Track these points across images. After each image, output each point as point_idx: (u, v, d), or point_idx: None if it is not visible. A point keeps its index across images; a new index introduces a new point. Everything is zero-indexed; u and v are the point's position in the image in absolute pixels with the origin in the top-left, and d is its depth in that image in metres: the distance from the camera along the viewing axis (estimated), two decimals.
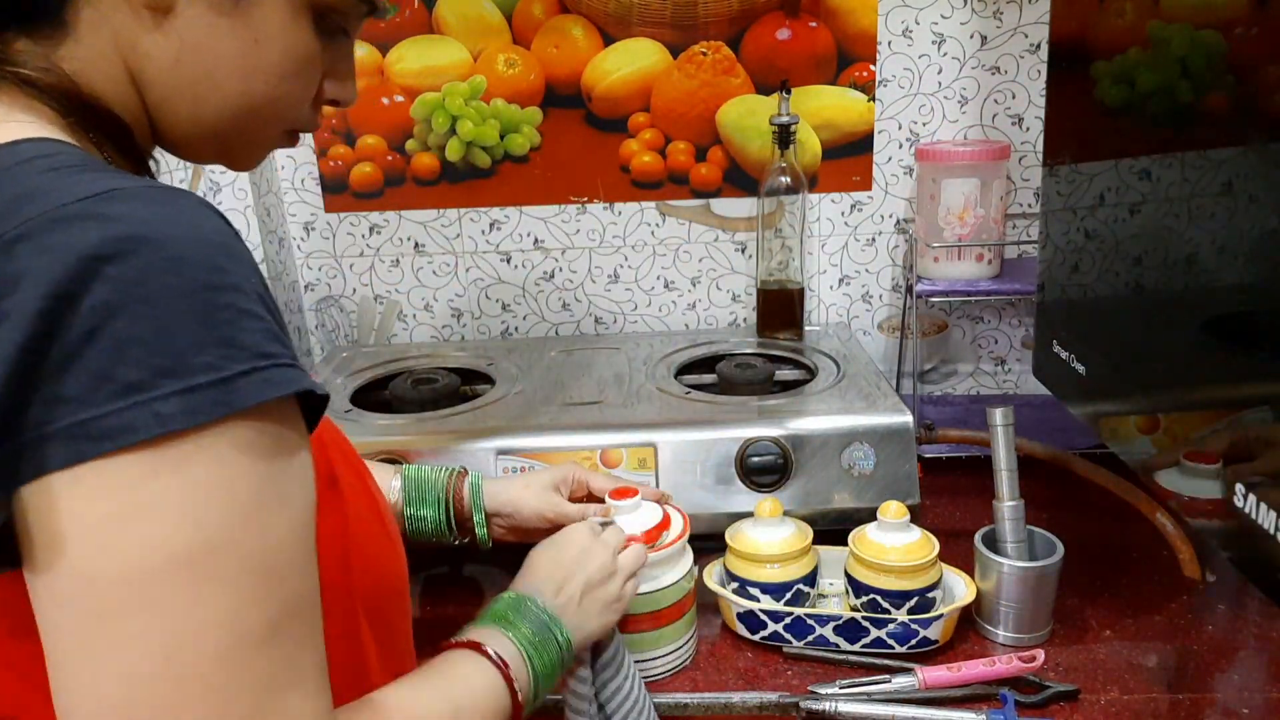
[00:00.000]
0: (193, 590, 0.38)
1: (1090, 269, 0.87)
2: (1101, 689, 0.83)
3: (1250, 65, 0.62)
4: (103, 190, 0.39)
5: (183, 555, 0.38)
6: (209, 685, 0.38)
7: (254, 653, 0.39)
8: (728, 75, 1.30)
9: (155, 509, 0.37)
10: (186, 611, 0.38)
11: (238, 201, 1.25)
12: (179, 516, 0.38)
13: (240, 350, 0.39)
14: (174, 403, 0.37)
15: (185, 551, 0.38)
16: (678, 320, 1.42)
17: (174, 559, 0.38)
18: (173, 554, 0.38)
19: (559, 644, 0.65)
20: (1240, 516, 0.62)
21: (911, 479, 1.01)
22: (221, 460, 0.39)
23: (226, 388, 0.38)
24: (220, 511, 0.39)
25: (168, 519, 0.38)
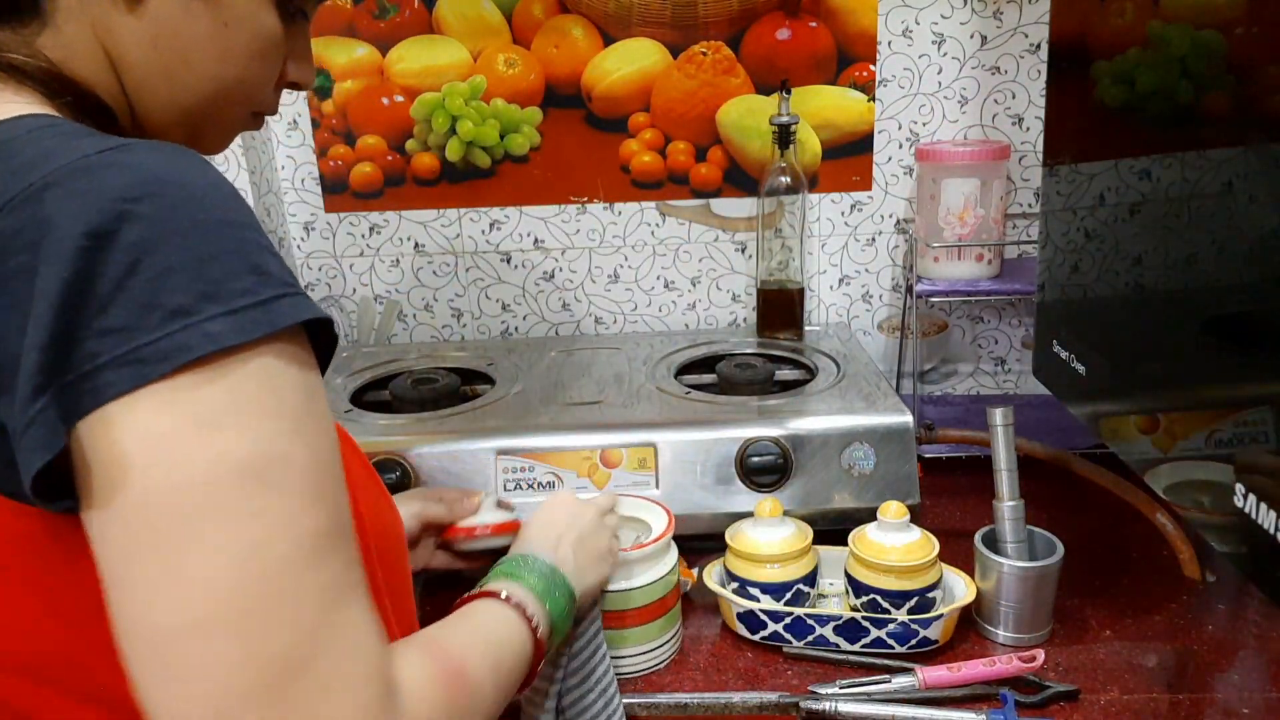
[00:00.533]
0: (258, 498, 0.40)
1: (1090, 269, 0.87)
2: (1101, 689, 0.83)
3: (1250, 65, 0.62)
4: (117, 144, 0.42)
5: (245, 464, 0.39)
6: (281, 590, 0.40)
7: (316, 561, 0.41)
8: (728, 75, 1.30)
9: (215, 422, 0.39)
10: (254, 518, 0.40)
11: None
12: (238, 428, 0.40)
13: (271, 277, 0.41)
14: (221, 323, 0.39)
15: (247, 460, 0.40)
16: (678, 320, 1.42)
17: (237, 468, 0.39)
18: (236, 463, 0.39)
19: (564, 592, 0.68)
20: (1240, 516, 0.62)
21: (911, 479, 1.01)
22: (269, 375, 0.41)
23: (266, 309, 0.41)
24: (274, 423, 0.41)
25: (228, 430, 0.39)
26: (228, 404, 0.40)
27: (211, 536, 0.39)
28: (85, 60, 0.49)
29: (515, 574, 0.66)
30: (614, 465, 1.01)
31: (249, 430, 0.40)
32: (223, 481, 0.39)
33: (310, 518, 0.41)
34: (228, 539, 0.39)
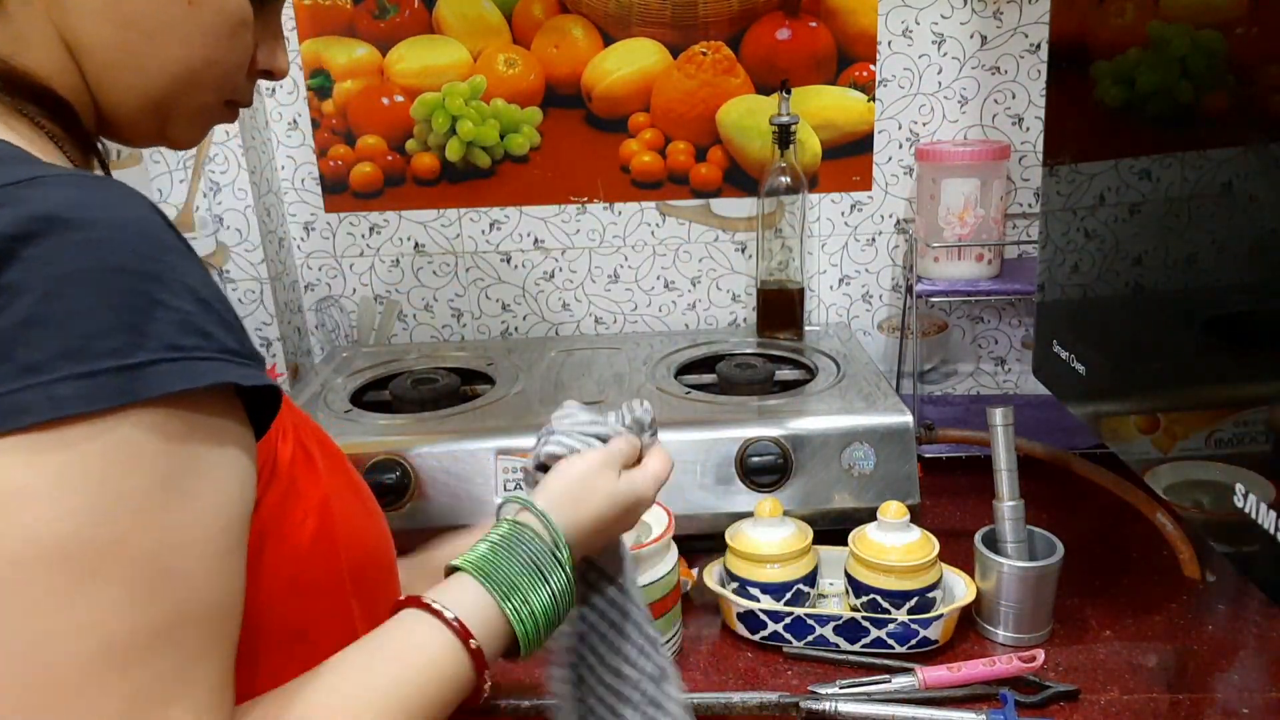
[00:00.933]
0: (67, 588, 0.35)
1: (1090, 269, 0.87)
2: (1101, 689, 0.83)
3: (1250, 65, 0.62)
4: (26, 177, 0.39)
5: (59, 548, 0.35)
6: (71, 694, 0.35)
7: (133, 660, 0.37)
8: (728, 75, 1.30)
9: (35, 495, 0.35)
10: (56, 610, 0.35)
11: (238, 201, 1.25)
12: (60, 505, 0.36)
13: (149, 339, 0.37)
14: (71, 386, 0.36)
15: (63, 544, 0.35)
16: (678, 320, 1.42)
17: (50, 551, 0.35)
18: (48, 546, 0.35)
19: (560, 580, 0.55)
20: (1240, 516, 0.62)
21: (911, 479, 1.01)
22: (116, 450, 0.37)
23: (130, 375, 0.37)
24: (109, 504, 0.36)
25: (47, 507, 0.35)
26: (56, 477, 0.35)
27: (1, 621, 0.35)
28: (40, 51, 0.46)
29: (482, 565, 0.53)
30: None
31: (72, 509, 0.36)
32: (27, 565, 0.35)
33: (138, 612, 0.37)
34: (18, 628, 0.35)
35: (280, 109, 1.32)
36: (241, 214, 1.26)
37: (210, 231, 1.26)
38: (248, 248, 1.27)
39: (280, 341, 1.31)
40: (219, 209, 1.25)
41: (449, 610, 0.50)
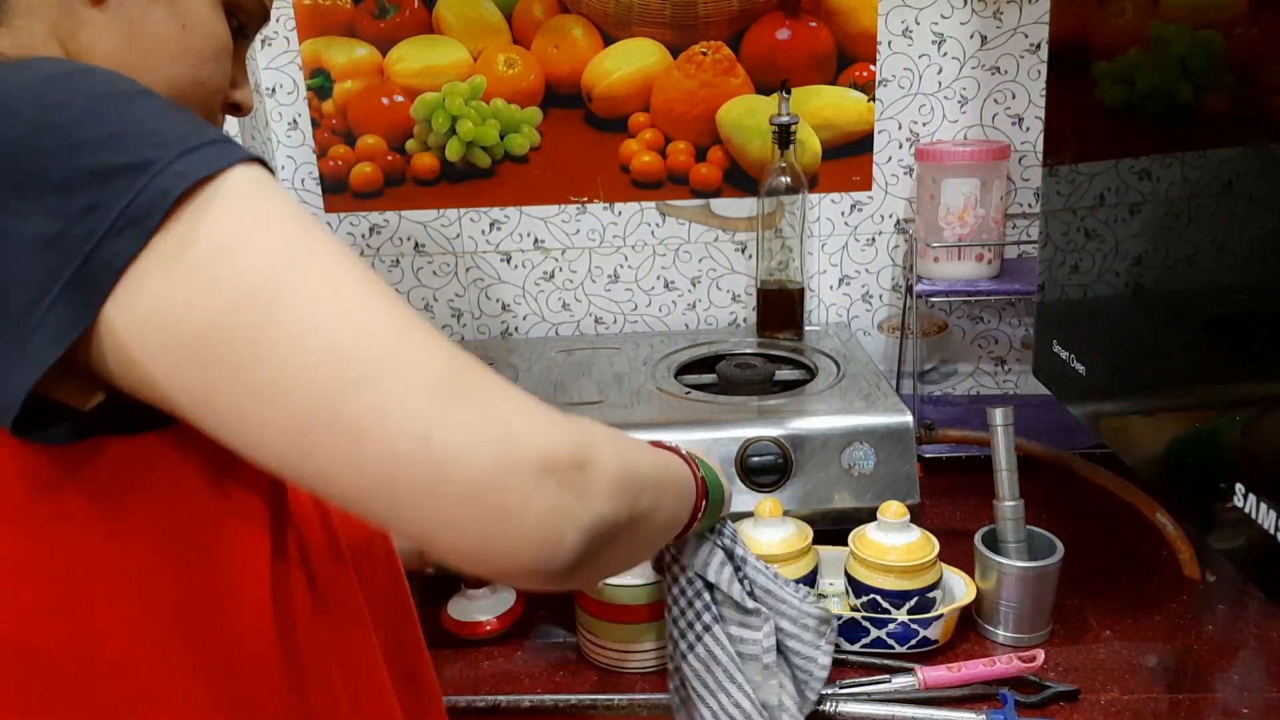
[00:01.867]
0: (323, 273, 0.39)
1: (1090, 269, 0.87)
2: (1101, 689, 0.83)
3: (1250, 65, 0.62)
4: None
5: (295, 255, 0.39)
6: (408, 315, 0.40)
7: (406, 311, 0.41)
8: (728, 75, 1.30)
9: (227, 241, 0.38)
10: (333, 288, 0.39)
11: None
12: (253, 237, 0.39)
13: (201, 125, 0.41)
14: (185, 162, 0.39)
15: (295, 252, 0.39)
16: (678, 320, 1.42)
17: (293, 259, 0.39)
18: (288, 256, 0.39)
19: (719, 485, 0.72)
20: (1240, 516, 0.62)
21: (911, 479, 1.01)
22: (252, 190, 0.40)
23: (215, 146, 0.40)
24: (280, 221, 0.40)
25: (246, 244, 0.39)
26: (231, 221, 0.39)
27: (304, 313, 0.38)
28: None
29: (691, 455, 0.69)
30: None
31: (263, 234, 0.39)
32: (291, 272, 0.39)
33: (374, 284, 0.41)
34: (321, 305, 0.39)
35: (280, 109, 1.32)
36: None
37: None
38: None
39: None
40: None
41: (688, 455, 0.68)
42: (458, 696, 0.86)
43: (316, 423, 0.38)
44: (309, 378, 0.38)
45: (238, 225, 0.39)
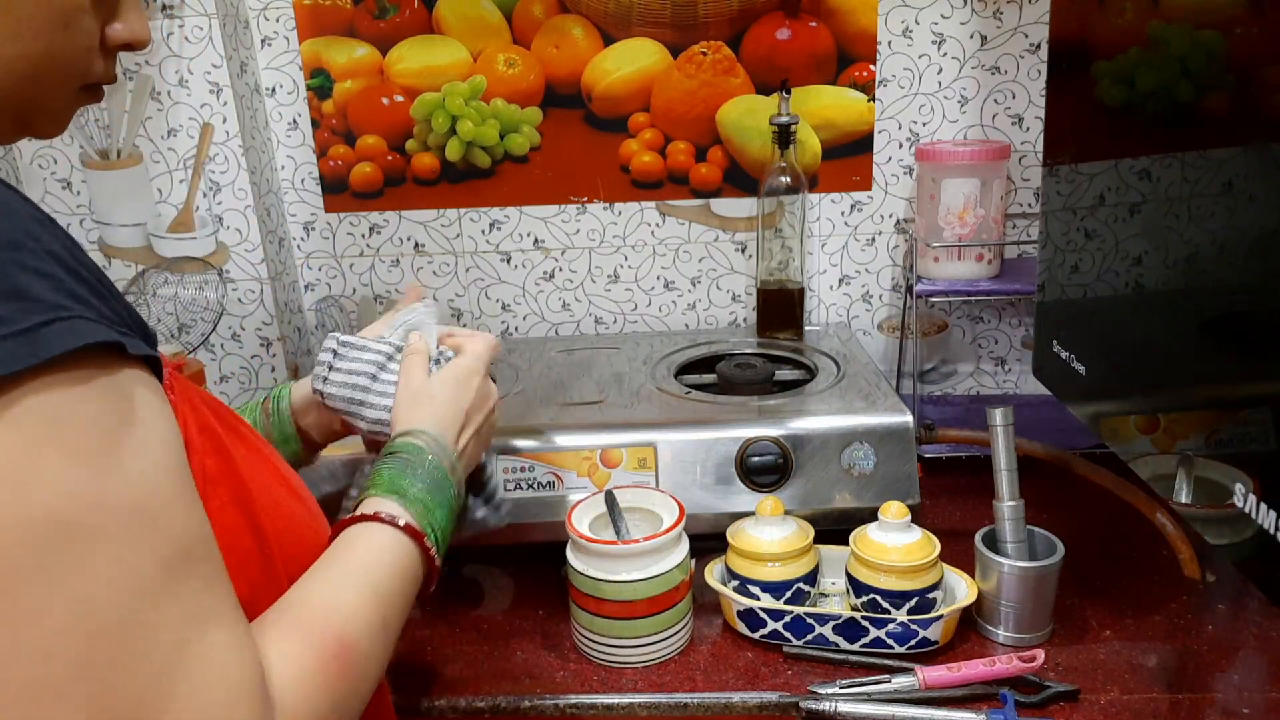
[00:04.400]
0: (76, 552, 0.36)
1: (1090, 269, 0.87)
2: (1101, 689, 0.83)
3: (1250, 65, 0.62)
4: None
5: (51, 520, 0.36)
6: (122, 639, 0.37)
7: (160, 597, 0.39)
8: (728, 75, 1.30)
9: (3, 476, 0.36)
10: (77, 573, 0.36)
11: (238, 201, 1.25)
12: (31, 481, 0.36)
13: (32, 303, 0.37)
14: None
15: (52, 516, 0.36)
16: (678, 320, 1.42)
17: (43, 526, 0.36)
18: (39, 521, 0.36)
19: (451, 495, 0.66)
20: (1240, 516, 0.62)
21: (911, 479, 1.01)
22: (54, 410, 0.37)
23: (27, 338, 0.37)
24: (71, 462, 0.37)
25: (17, 480, 0.36)
26: (10, 453, 0.36)
27: (31, 601, 0.36)
28: None
29: (400, 485, 0.62)
30: (614, 465, 1.01)
31: (41, 481, 0.36)
32: (28, 544, 0.35)
33: (145, 555, 0.38)
34: (51, 601, 0.36)
35: (280, 109, 1.32)
36: (241, 214, 1.26)
37: (210, 231, 1.26)
38: (248, 248, 1.27)
39: (280, 341, 1.31)
40: (219, 209, 1.25)
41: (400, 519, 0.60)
42: (458, 697, 0.86)
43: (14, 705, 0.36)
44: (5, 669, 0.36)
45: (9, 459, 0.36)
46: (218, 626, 0.41)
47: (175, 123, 1.22)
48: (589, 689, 0.86)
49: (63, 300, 0.38)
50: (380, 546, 0.58)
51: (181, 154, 1.23)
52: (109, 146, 1.24)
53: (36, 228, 0.40)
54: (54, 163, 1.25)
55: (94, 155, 1.25)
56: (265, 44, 1.30)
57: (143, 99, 1.22)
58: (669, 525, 0.88)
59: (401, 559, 0.58)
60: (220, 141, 1.23)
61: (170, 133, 1.22)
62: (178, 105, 1.22)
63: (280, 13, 1.28)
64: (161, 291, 1.30)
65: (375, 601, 0.54)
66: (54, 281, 0.39)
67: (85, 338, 0.38)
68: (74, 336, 0.38)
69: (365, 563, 0.57)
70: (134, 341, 0.42)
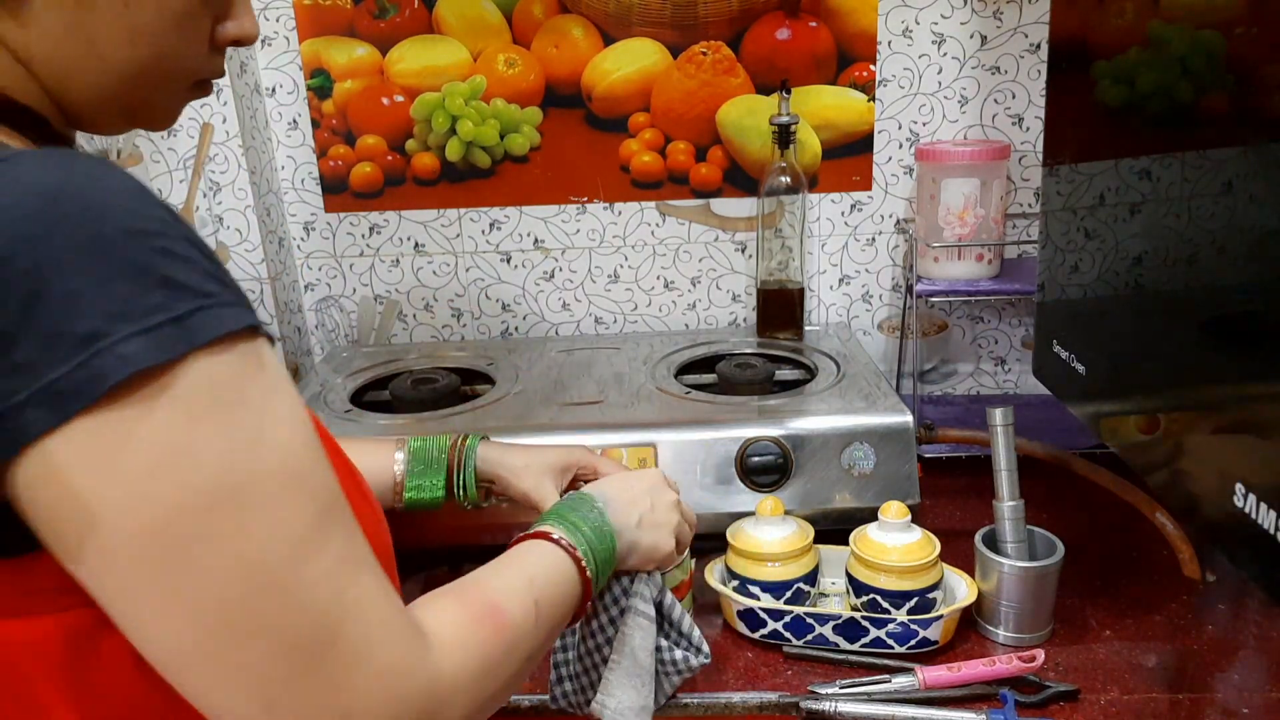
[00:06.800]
0: (236, 516, 0.39)
1: (1090, 269, 0.87)
2: (1101, 689, 0.83)
3: (1250, 65, 0.62)
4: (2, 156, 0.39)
5: (213, 489, 0.39)
6: (286, 588, 0.40)
7: (315, 549, 0.42)
8: (728, 75, 1.30)
9: (167, 448, 0.38)
10: (239, 535, 0.39)
11: (238, 201, 1.25)
12: (192, 452, 0.38)
13: (184, 289, 0.39)
14: (135, 343, 0.37)
15: (213, 485, 0.39)
16: (678, 320, 1.42)
17: (206, 494, 0.39)
18: (202, 489, 0.39)
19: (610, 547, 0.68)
20: (1240, 516, 0.62)
21: (911, 479, 1.01)
22: (207, 389, 0.39)
23: (182, 325, 0.38)
24: (229, 438, 0.40)
25: (183, 457, 0.38)
26: (171, 428, 0.38)
27: (202, 561, 0.39)
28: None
29: (567, 517, 0.67)
30: None
31: (205, 452, 0.39)
32: (195, 510, 0.38)
33: (297, 515, 0.41)
34: (220, 560, 0.39)
35: (280, 109, 1.32)
36: (241, 214, 1.26)
37: (210, 231, 1.26)
38: (248, 248, 1.27)
39: (280, 341, 1.31)
40: (219, 209, 1.25)
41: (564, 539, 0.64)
42: None
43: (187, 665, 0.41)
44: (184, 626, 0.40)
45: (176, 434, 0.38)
46: (367, 571, 0.44)
47: (175, 123, 1.22)
48: None
49: (206, 286, 0.40)
50: (540, 551, 0.63)
51: (181, 154, 1.23)
52: (109, 146, 1.24)
53: (167, 214, 0.41)
54: None
55: None
56: (265, 44, 1.30)
57: None
58: None
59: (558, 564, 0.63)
60: (220, 141, 1.23)
61: (170, 133, 1.22)
62: None
63: (280, 12, 1.28)
64: None
65: (528, 585, 0.58)
66: (194, 266, 0.40)
67: (229, 323, 0.40)
68: (219, 323, 0.40)
69: (522, 558, 0.62)
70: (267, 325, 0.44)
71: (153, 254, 0.39)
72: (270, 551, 0.40)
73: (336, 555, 0.43)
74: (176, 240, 0.40)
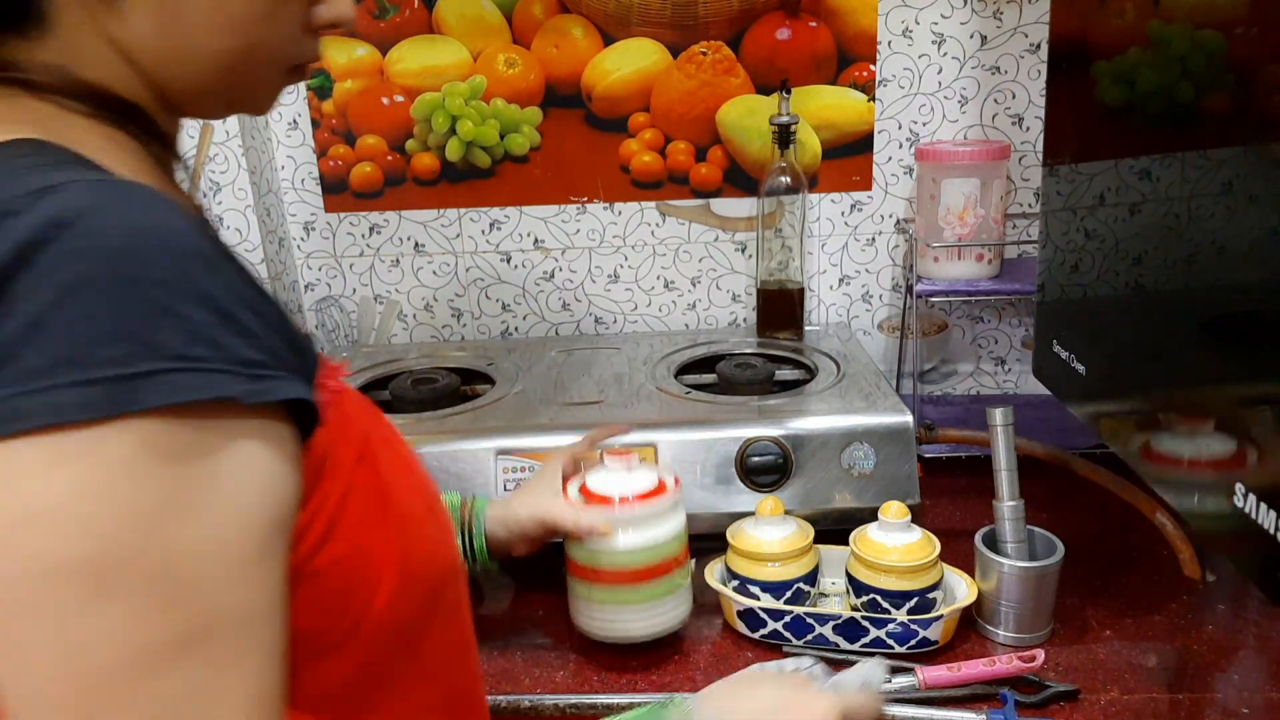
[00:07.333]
0: (87, 599, 0.36)
1: (1090, 269, 0.87)
2: (1101, 689, 0.83)
3: (1250, 65, 0.62)
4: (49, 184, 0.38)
5: (74, 561, 0.36)
6: (113, 695, 0.36)
7: (159, 669, 0.37)
8: (728, 75, 1.30)
9: (47, 508, 0.36)
10: (79, 622, 0.36)
11: (238, 201, 1.25)
12: (72, 519, 0.36)
13: (151, 349, 0.37)
14: (69, 393, 0.35)
15: (77, 558, 0.36)
16: (678, 320, 1.42)
17: (66, 564, 0.36)
18: (64, 559, 0.36)
19: None
20: (1240, 516, 0.62)
21: (911, 479, 1.01)
22: (120, 461, 0.36)
23: (127, 385, 0.36)
24: (118, 516, 0.36)
25: (60, 521, 0.36)
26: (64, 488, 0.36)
27: (31, 635, 0.36)
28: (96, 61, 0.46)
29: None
30: None
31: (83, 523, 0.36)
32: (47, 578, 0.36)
33: (157, 624, 0.37)
34: (44, 640, 0.36)
35: (280, 109, 1.32)
36: (241, 214, 1.26)
37: None
38: (248, 248, 1.27)
39: None
40: (219, 209, 1.25)
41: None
42: None
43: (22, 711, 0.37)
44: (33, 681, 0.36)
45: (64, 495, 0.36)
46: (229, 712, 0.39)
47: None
48: (589, 689, 0.86)
49: (186, 349, 0.38)
50: None
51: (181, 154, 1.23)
52: None
53: (195, 265, 0.39)
54: None
55: None
56: None
57: None
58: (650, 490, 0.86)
59: None
60: (220, 141, 1.23)
61: None
62: None
63: None
64: None
65: None
66: (186, 325, 0.38)
67: (187, 394, 0.37)
68: (174, 391, 0.37)
69: None
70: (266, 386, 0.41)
71: (138, 304, 0.37)
72: (104, 653, 0.36)
73: (184, 688, 0.38)
74: (181, 294, 0.38)
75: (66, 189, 0.38)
